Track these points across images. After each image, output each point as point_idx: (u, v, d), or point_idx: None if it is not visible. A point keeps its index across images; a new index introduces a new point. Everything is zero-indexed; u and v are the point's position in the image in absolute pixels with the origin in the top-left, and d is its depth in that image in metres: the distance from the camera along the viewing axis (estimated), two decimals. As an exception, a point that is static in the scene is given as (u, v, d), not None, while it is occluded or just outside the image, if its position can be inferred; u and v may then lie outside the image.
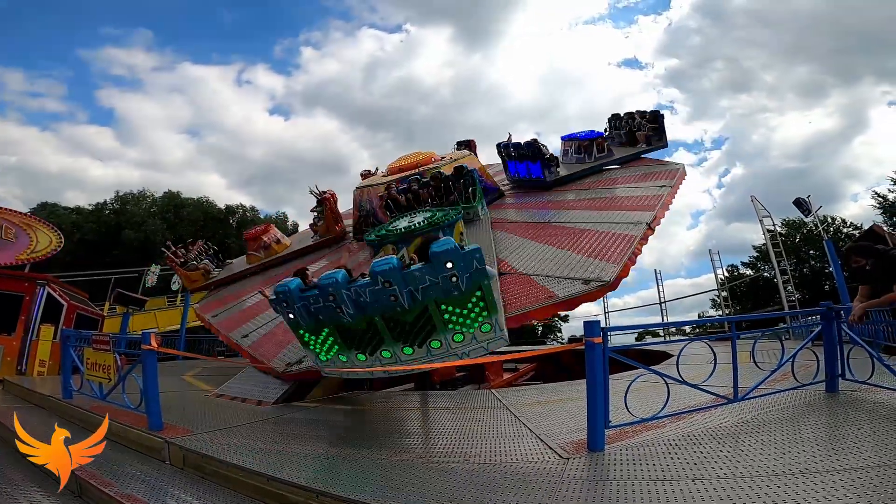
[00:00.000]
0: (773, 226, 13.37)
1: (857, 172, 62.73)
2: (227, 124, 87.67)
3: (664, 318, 15.99)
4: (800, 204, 12.40)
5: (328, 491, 2.87)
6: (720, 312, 18.86)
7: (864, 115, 63.61)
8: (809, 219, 13.25)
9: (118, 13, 73.51)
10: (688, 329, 20.47)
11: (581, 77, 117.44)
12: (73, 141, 67.57)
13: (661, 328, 15.17)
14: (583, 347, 3.44)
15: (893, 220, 24.99)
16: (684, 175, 10.19)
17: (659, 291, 16.13)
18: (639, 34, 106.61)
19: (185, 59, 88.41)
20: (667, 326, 13.36)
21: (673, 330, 14.86)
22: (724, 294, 16.72)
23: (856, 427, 3.37)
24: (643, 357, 8.53)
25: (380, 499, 2.74)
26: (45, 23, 63.64)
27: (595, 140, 11.91)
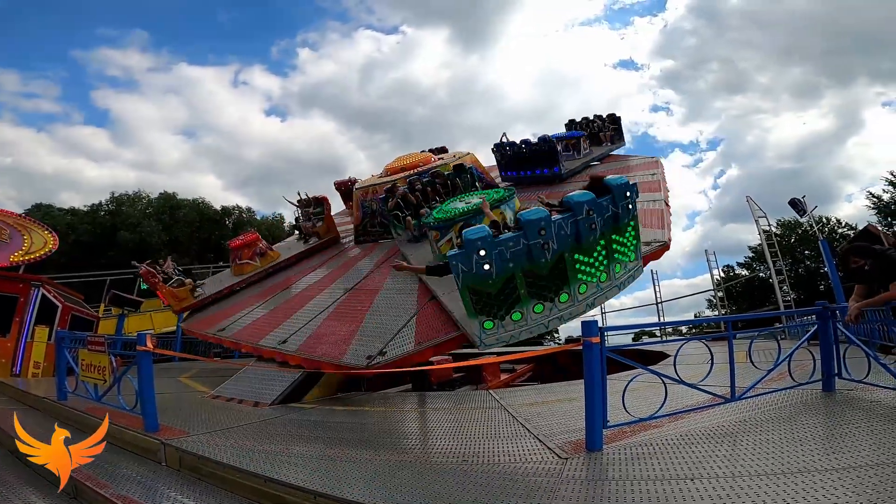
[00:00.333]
0: (769, 226, 13.42)
1: (851, 173, 63.01)
2: (223, 125, 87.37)
3: (661, 318, 16.02)
4: (795, 204, 12.43)
5: (325, 492, 2.86)
6: (716, 312, 18.92)
7: (858, 116, 63.98)
8: (804, 219, 13.30)
9: (113, 14, 73.19)
10: (685, 329, 20.54)
11: (577, 78, 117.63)
12: (68, 142, 67.16)
13: (658, 328, 15.21)
14: (580, 348, 3.44)
15: (888, 220, 25.14)
16: (662, 164, 11.35)
17: (655, 292, 16.14)
18: (634, 35, 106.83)
19: (181, 60, 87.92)
20: (664, 326, 13.39)
21: (670, 330, 14.89)
22: (721, 294, 16.77)
23: (853, 426, 3.38)
24: (640, 357, 8.55)
25: (377, 500, 2.73)
26: (39, 23, 63.27)
27: (580, 139, 12.72)
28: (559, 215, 4.84)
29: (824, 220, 29.04)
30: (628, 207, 5.23)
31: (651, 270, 15.92)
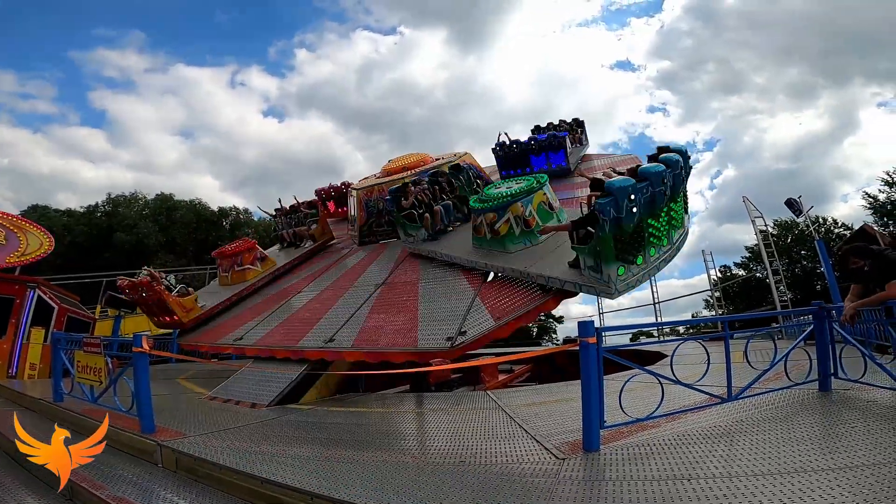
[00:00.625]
0: (765, 226, 13.44)
1: (847, 173, 63.36)
2: (220, 126, 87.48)
3: (658, 318, 16.03)
4: (791, 204, 12.47)
5: (323, 493, 2.85)
6: (713, 312, 18.97)
7: (854, 116, 64.29)
8: (801, 219, 13.33)
9: (110, 15, 73.26)
10: (682, 329, 20.57)
11: (575, 79, 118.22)
12: (65, 143, 67.00)
13: (656, 328, 15.22)
14: (577, 348, 3.45)
15: (884, 221, 25.24)
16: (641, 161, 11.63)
17: (653, 292, 16.14)
18: (631, 36, 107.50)
19: (178, 61, 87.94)
20: (661, 326, 13.41)
21: (667, 330, 14.91)
22: (718, 294, 16.81)
23: (849, 426, 3.39)
24: (638, 357, 8.56)
25: (375, 501, 2.73)
26: (36, 24, 63.22)
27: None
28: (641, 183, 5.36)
29: (821, 220, 29.14)
30: (682, 176, 5.98)
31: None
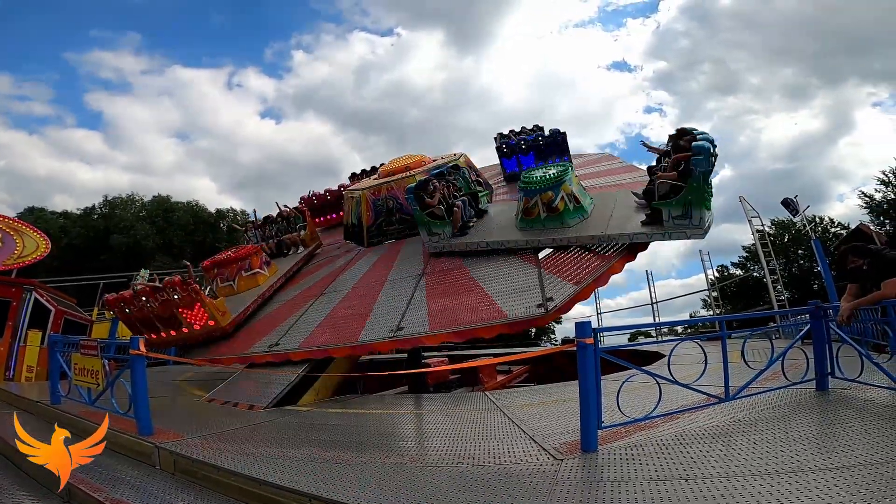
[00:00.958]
0: (762, 226, 13.46)
1: (842, 173, 63.56)
2: (217, 128, 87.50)
3: (656, 318, 16.04)
4: (787, 204, 12.50)
5: (321, 495, 2.85)
6: (711, 312, 19.01)
7: (849, 116, 64.56)
8: (797, 219, 13.38)
9: (106, 16, 73.21)
10: (679, 329, 20.62)
11: (571, 80, 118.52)
12: (61, 145, 67.03)
13: (653, 328, 15.24)
14: (575, 348, 3.45)
15: (881, 220, 25.35)
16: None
17: (650, 292, 16.17)
18: (627, 37, 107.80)
19: (174, 63, 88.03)
20: (658, 327, 13.43)
21: (665, 330, 14.93)
22: (715, 294, 16.82)
23: (846, 425, 3.39)
24: (635, 357, 8.57)
25: (373, 502, 2.72)
26: (31, 25, 63.11)
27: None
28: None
29: (817, 219, 29.26)
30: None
31: (646, 271, 15.96)
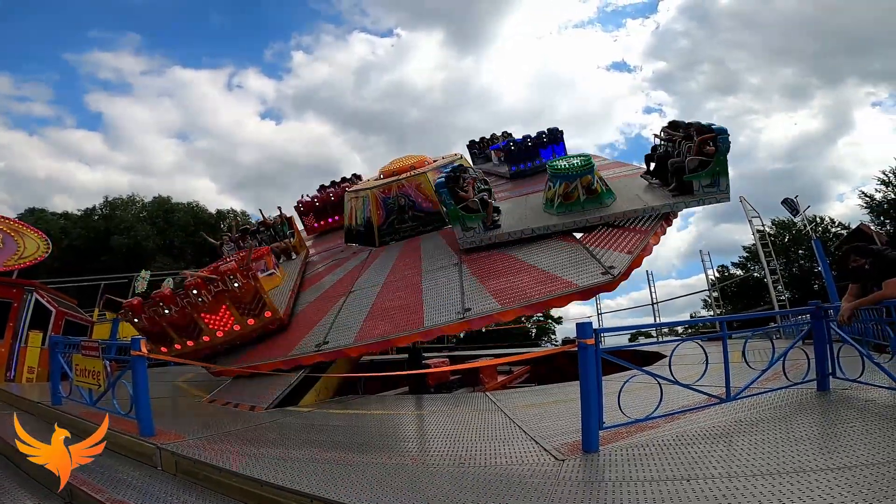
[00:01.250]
0: (763, 226, 13.45)
1: (842, 173, 63.60)
2: (217, 128, 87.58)
3: (656, 318, 16.03)
4: (788, 204, 12.49)
5: (322, 496, 2.85)
6: (712, 312, 19.00)
7: (848, 116, 64.58)
8: (798, 219, 13.37)
9: (105, 17, 73.31)
10: (680, 329, 20.58)
11: (571, 80, 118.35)
12: (61, 145, 67.04)
13: (654, 329, 15.23)
14: (576, 349, 3.45)
15: (881, 220, 25.34)
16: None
17: (651, 292, 16.15)
18: (627, 37, 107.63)
19: (174, 63, 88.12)
20: (659, 327, 13.42)
21: (665, 330, 14.91)
22: (716, 294, 16.81)
23: (848, 425, 3.39)
24: (636, 357, 8.58)
25: (374, 503, 2.73)
26: (30, 26, 63.17)
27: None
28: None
29: (818, 219, 29.26)
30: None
31: (646, 271, 15.93)
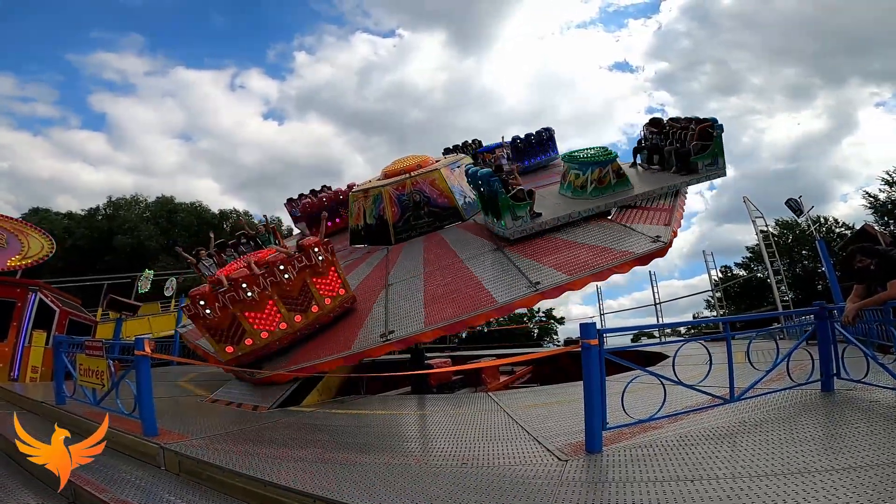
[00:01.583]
0: (766, 226, 13.41)
1: (846, 173, 63.43)
2: (220, 129, 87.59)
3: (659, 319, 16.00)
4: (792, 205, 12.45)
5: (325, 496, 2.85)
6: (715, 313, 18.95)
7: (852, 116, 64.36)
8: (801, 219, 13.30)
9: (107, 17, 73.52)
10: (683, 330, 20.53)
11: (573, 80, 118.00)
12: (65, 146, 67.34)
13: (657, 329, 15.19)
14: (579, 349, 3.44)
15: (885, 220, 25.22)
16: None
17: (654, 293, 16.11)
18: (629, 38, 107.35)
19: (177, 64, 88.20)
20: (662, 328, 13.39)
21: (668, 331, 14.89)
22: (719, 295, 16.78)
23: (852, 426, 3.38)
24: (639, 358, 8.56)
25: (377, 503, 2.72)
26: (33, 27, 63.44)
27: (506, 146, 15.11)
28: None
29: (821, 219, 29.14)
30: None
31: (649, 271, 15.91)
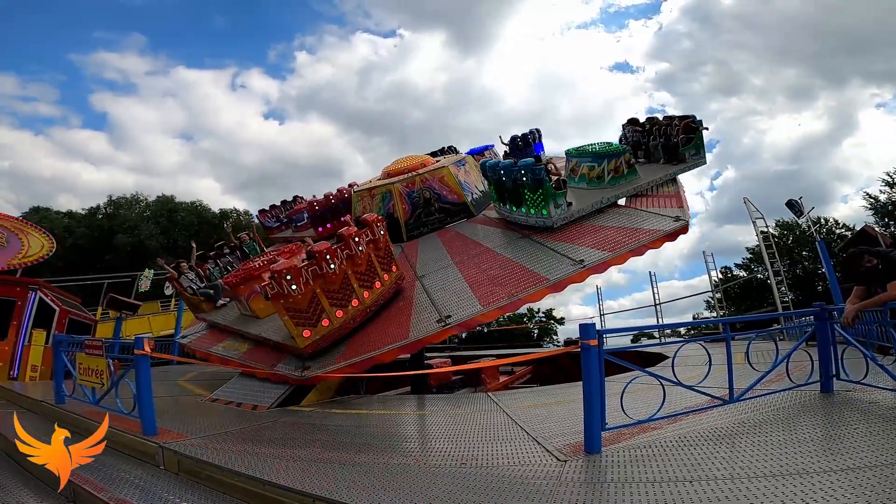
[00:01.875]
0: (766, 227, 13.42)
1: (846, 174, 63.43)
2: (221, 129, 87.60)
3: (659, 319, 16.01)
4: (792, 205, 12.46)
5: (324, 496, 2.85)
6: (715, 314, 18.95)
7: (852, 117, 64.36)
8: (802, 220, 13.31)
9: (108, 17, 73.55)
10: (683, 331, 20.55)
11: (573, 81, 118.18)
12: (66, 145, 67.37)
13: (657, 330, 15.22)
14: (578, 350, 3.44)
15: (885, 221, 25.22)
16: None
17: (654, 293, 16.12)
18: (630, 38, 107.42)
19: (178, 64, 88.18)
20: (662, 328, 13.40)
21: (668, 332, 14.90)
22: (719, 295, 16.78)
23: (851, 427, 3.38)
24: (639, 358, 8.56)
25: (376, 503, 2.72)
26: (34, 26, 63.47)
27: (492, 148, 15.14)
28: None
29: (822, 220, 29.15)
30: None
31: (649, 272, 15.93)
